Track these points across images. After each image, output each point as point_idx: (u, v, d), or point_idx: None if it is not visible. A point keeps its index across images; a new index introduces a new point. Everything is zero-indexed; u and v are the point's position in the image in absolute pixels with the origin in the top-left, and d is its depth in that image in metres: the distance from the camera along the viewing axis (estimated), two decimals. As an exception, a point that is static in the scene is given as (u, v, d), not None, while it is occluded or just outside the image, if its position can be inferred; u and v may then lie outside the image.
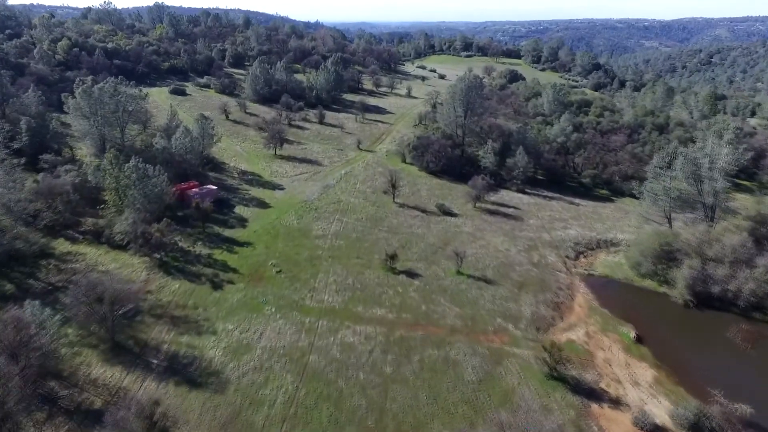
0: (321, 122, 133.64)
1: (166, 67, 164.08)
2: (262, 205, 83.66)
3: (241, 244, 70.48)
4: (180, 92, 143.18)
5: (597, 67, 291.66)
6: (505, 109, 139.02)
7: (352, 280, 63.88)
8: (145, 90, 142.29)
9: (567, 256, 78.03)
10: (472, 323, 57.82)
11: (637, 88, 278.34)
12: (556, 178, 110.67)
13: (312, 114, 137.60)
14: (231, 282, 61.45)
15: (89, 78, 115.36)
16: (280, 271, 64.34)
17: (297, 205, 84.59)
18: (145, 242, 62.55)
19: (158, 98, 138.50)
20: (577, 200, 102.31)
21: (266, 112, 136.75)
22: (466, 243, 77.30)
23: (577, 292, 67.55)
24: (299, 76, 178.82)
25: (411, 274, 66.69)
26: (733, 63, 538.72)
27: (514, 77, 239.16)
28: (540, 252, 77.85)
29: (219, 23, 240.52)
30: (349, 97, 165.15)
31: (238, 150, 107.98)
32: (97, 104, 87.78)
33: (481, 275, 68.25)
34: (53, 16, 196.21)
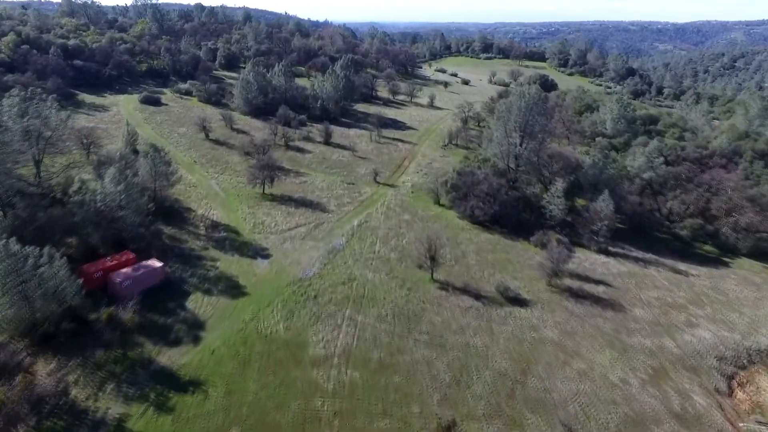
0: (327, 142, 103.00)
1: (143, 69, 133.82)
2: (234, 289, 53.16)
3: (184, 387, 40.05)
4: (153, 101, 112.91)
5: (631, 72, 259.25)
6: (552, 127, 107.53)
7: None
8: (110, 98, 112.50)
9: (717, 389, 47.29)
10: None
11: (677, 96, 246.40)
12: (641, 227, 79.59)
13: (316, 130, 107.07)
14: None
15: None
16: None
17: (287, 288, 54.11)
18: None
19: (124, 109, 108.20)
20: (681, 265, 71.29)
21: (259, 128, 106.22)
22: (554, 366, 46.83)
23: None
24: (303, 81, 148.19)
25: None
26: (759, 67, 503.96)
27: (546, 83, 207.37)
28: (675, 382, 47.05)
29: (215, 19, 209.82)
30: (361, 107, 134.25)
31: (213, 187, 77.41)
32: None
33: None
34: (25, 9, 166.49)
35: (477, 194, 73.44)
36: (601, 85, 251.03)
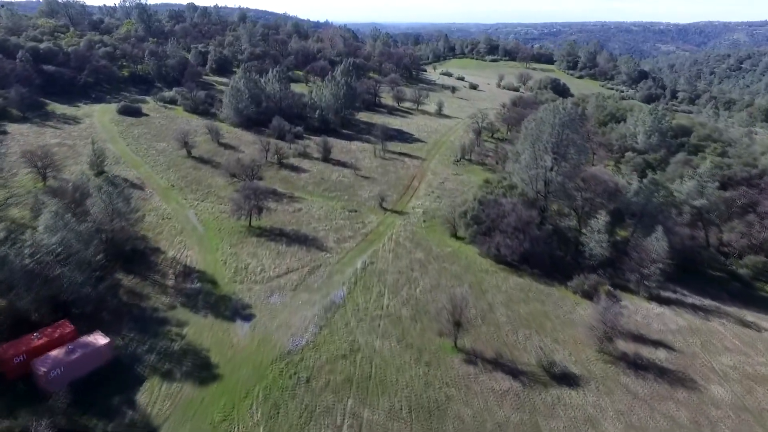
0: (326, 159, 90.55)
1: (125, 74, 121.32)
2: (202, 370, 40.68)
3: None
4: (132, 112, 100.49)
5: (644, 75, 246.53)
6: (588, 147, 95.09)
7: None
8: (84, 108, 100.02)
9: None
10: None
11: (692, 101, 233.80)
12: (692, 264, 66.98)
13: (314, 144, 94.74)
14: None
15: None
16: None
17: (271, 366, 41.62)
18: None
19: (99, 121, 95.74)
20: (747, 315, 58.77)
21: (249, 143, 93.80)
22: (628, 486, 34.40)
23: None
24: (301, 87, 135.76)
25: None
26: (766, 69, 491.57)
27: (558, 87, 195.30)
28: None
29: (208, 20, 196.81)
30: (364, 116, 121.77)
31: (191, 219, 64.91)
32: None
33: None
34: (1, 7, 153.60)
35: (503, 229, 60.96)
36: (612, 89, 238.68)
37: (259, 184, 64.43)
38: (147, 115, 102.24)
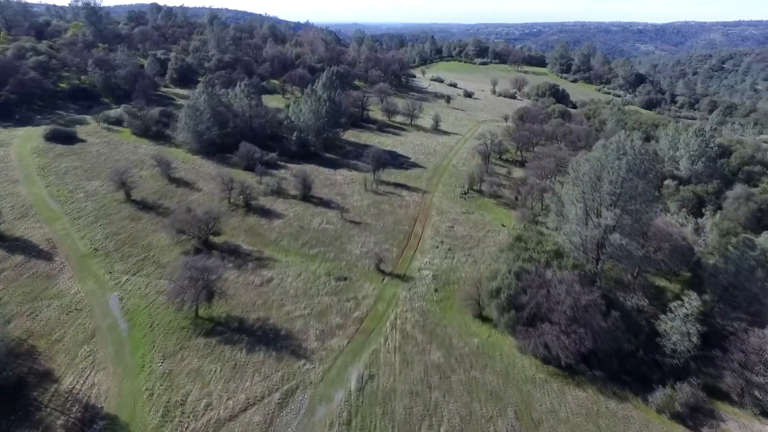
0: (305, 197, 71.37)
1: (64, 88, 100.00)
2: None
3: None
4: (64, 137, 79.78)
5: (641, 78, 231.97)
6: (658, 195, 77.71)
7: None
8: (3, 133, 79.26)
9: None
10: None
11: (692, 105, 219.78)
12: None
13: (291, 177, 75.68)
14: None
15: None
16: None
17: None
18: None
19: (18, 152, 74.89)
20: None
21: (210, 177, 74.07)
22: None
23: None
24: (277, 100, 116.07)
25: None
26: (749, 69, 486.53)
27: (557, 94, 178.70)
28: None
29: (173, 21, 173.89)
30: (350, 135, 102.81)
31: (111, 309, 45.05)
32: None
33: None
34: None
35: (555, 319, 42.74)
36: (609, 93, 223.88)
37: (207, 263, 44.79)
38: (83, 140, 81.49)
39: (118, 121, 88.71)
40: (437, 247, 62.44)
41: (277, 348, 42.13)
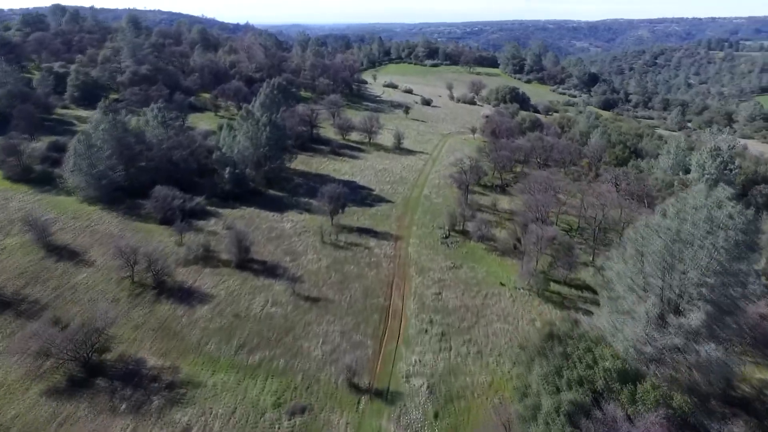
0: (242, 263, 52.33)
1: None
2: None
3: None
4: None
5: (595, 78, 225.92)
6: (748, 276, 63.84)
7: None
8: None
9: None
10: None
11: (645, 104, 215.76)
12: None
13: (223, 227, 56.56)
14: None
15: None
16: None
17: None
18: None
19: None
20: None
21: (108, 240, 53.45)
22: None
23: None
24: (208, 119, 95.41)
25: None
26: (679, 64, 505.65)
27: (518, 97, 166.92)
28: None
29: (80, 27, 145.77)
30: (300, 163, 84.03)
31: None
32: None
33: None
34: None
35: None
36: (564, 93, 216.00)
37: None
38: (-74, 195, 58.44)
39: (-14, 162, 65.68)
40: (426, 330, 45.53)
41: None
